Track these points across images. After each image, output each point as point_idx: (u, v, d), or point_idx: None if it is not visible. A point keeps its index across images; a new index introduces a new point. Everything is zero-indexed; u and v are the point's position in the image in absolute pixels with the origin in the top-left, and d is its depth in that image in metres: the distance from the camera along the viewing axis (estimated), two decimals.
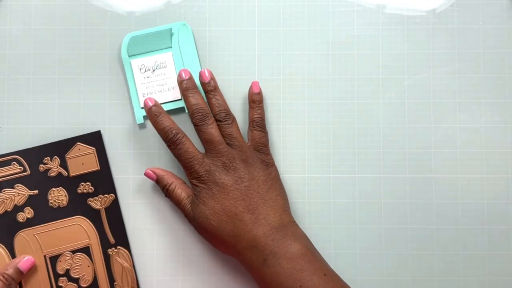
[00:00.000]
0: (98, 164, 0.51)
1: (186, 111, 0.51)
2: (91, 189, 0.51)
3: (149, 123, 0.52)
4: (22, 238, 0.50)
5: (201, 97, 0.50)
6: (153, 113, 0.49)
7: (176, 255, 0.52)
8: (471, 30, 0.53)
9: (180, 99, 0.52)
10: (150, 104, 0.49)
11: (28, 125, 0.53)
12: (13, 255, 0.50)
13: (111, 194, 0.51)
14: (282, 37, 0.54)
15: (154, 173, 0.50)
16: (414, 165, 0.53)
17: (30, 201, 0.51)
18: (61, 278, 0.50)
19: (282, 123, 0.53)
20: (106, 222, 0.51)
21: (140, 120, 0.52)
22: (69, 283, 0.50)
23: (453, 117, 0.53)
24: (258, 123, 0.51)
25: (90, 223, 0.51)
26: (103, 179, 0.51)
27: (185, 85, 0.50)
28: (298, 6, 0.54)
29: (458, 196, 0.52)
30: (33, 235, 0.50)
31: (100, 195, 0.51)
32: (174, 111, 0.53)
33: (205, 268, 0.52)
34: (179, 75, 0.50)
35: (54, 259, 0.50)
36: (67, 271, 0.50)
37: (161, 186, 0.50)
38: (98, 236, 0.51)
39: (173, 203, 0.50)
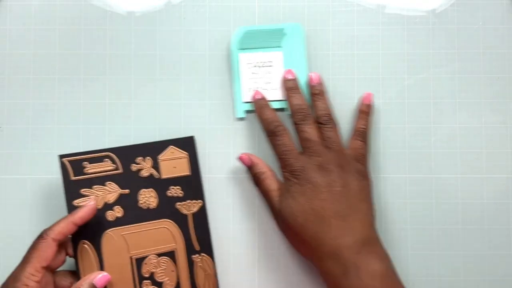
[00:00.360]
0: (189, 169, 0.51)
1: (286, 111, 0.52)
2: (180, 193, 0.51)
3: (248, 118, 0.53)
4: (110, 237, 0.49)
5: (304, 98, 0.51)
6: (260, 104, 0.51)
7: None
8: (471, 30, 0.53)
9: (283, 100, 0.52)
10: (259, 97, 0.51)
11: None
12: (99, 254, 0.49)
13: (200, 201, 0.51)
14: None
15: (250, 158, 0.51)
16: (414, 165, 0.53)
17: (120, 200, 0.50)
18: (145, 281, 0.49)
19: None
20: (193, 228, 0.50)
21: (241, 114, 0.52)
22: (152, 286, 0.49)
23: (453, 117, 0.53)
24: (361, 134, 0.51)
25: (178, 227, 0.50)
26: (193, 184, 0.51)
27: (289, 85, 0.51)
28: (298, 6, 0.54)
29: (458, 196, 0.52)
30: (121, 235, 0.49)
31: (189, 200, 0.51)
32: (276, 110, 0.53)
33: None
34: (284, 75, 0.52)
35: (139, 261, 0.49)
36: (152, 274, 0.49)
37: (253, 173, 0.51)
38: (184, 242, 0.50)
39: (260, 192, 0.51)
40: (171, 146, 0.51)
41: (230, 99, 0.53)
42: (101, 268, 0.49)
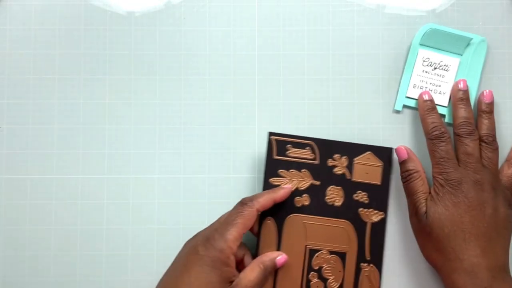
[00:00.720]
0: (381, 179, 0.51)
1: (446, 119, 0.52)
2: (366, 200, 0.51)
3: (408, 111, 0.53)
4: (292, 221, 0.51)
5: (472, 112, 0.51)
6: (427, 106, 0.51)
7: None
8: (471, 30, 0.53)
9: (445, 107, 0.52)
10: (427, 98, 0.51)
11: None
12: (280, 234, 0.50)
13: (382, 212, 0.51)
14: (282, 37, 0.54)
15: (407, 152, 0.50)
16: None
17: (310, 190, 0.51)
18: (312, 272, 0.50)
19: (283, 123, 0.53)
20: (369, 237, 0.51)
21: (399, 107, 0.53)
22: (318, 280, 0.50)
23: None
24: None
25: (355, 231, 0.51)
26: (380, 195, 0.51)
27: (460, 95, 0.51)
28: (298, 6, 0.54)
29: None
30: (302, 222, 0.51)
31: (372, 209, 0.51)
32: None
33: None
34: (457, 83, 0.51)
35: (313, 252, 0.51)
36: (320, 268, 0.51)
37: (404, 169, 0.50)
38: (357, 247, 0.51)
39: (405, 191, 0.50)
40: (369, 152, 0.51)
41: (231, 98, 0.53)
42: (278, 248, 0.50)
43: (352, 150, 0.51)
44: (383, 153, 0.52)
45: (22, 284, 0.52)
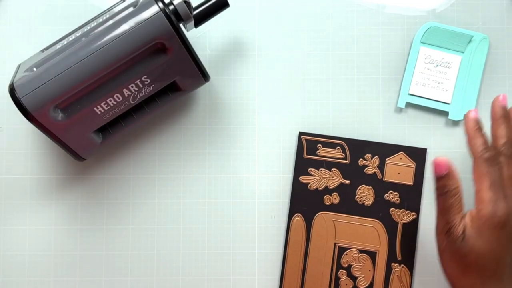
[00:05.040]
0: (413, 180, 0.52)
1: (449, 116, 0.52)
2: (397, 200, 0.51)
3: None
4: (321, 218, 0.51)
5: None
6: (475, 126, 0.45)
7: None
8: (471, 30, 0.53)
9: (448, 104, 0.52)
10: (474, 115, 0.45)
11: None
12: (308, 229, 0.51)
13: (414, 213, 0.51)
14: (282, 37, 0.54)
15: (448, 166, 0.44)
16: None
17: (339, 188, 0.51)
18: (341, 270, 0.51)
19: (282, 123, 0.53)
20: (400, 237, 0.51)
21: (402, 104, 0.52)
22: (347, 278, 0.51)
23: None
24: None
25: (385, 231, 0.51)
26: (412, 195, 0.51)
27: (501, 113, 0.45)
28: (298, 6, 0.54)
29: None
30: (332, 220, 0.51)
31: (404, 210, 0.51)
32: (433, 111, 0.53)
33: None
34: (498, 98, 0.46)
35: (342, 250, 0.51)
36: (350, 266, 0.51)
37: (442, 184, 0.44)
38: (388, 247, 0.51)
39: (437, 204, 0.45)
40: (402, 152, 0.52)
41: (230, 98, 0.53)
42: (307, 245, 0.51)
43: (383, 150, 0.52)
44: (417, 153, 0.52)
45: (22, 284, 0.52)
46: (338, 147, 0.52)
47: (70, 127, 0.45)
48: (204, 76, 0.48)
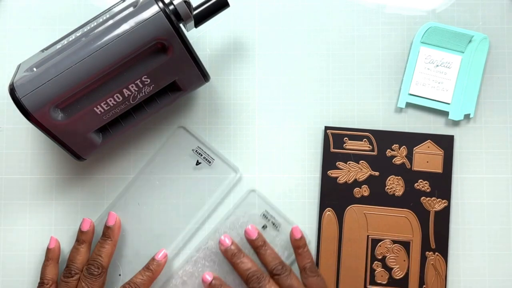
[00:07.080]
0: (442, 167, 0.52)
1: (449, 116, 0.52)
2: (428, 188, 0.51)
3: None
4: (353, 211, 0.51)
5: (251, 260, 0.49)
6: (231, 252, 0.49)
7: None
8: (471, 30, 0.53)
9: (448, 104, 0.52)
10: (228, 243, 0.50)
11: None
12: (340, 223, 0.51)
13: (445, 200, 0.51)
14: (282, 37, 0.54)
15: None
16: None
17: (369, 180, 0.52)
18: (376, 262, 0.51)
19: (281, 123, 0.53)
20: (432, 225, 0.51)
21: (402, 104, 0.52)
22: (382, 269, 0.51)
23: None
24: (311, 269, 0.49)
25: (418, 221, 0.51)
26: (442, 183, 0.51)
27: (231, 252, 0.49)
28: (298, 6, 0.54)
29: (458, 196, 0.52)
30: (363, 212, 0.51)
31: (435, 198, 0.51)
32: (433, 111, 0.53)
33: None
34: (222, 243, 0.50)
35: (375, 242, 0.51)
36: (384, 258, 0.51)
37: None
38: (421, 236, 0.51)
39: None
40: (429, 141, 0.52)
41: (230, 98, 0.53)
42: (339, 239, 0.51)
43: (410, 139, 0.52)
44: (444, 141, 0.52)
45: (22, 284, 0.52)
46: (365, 139, 0.52)
47: (70, 127, 0.45)
48: (204, 76, 0.48)
